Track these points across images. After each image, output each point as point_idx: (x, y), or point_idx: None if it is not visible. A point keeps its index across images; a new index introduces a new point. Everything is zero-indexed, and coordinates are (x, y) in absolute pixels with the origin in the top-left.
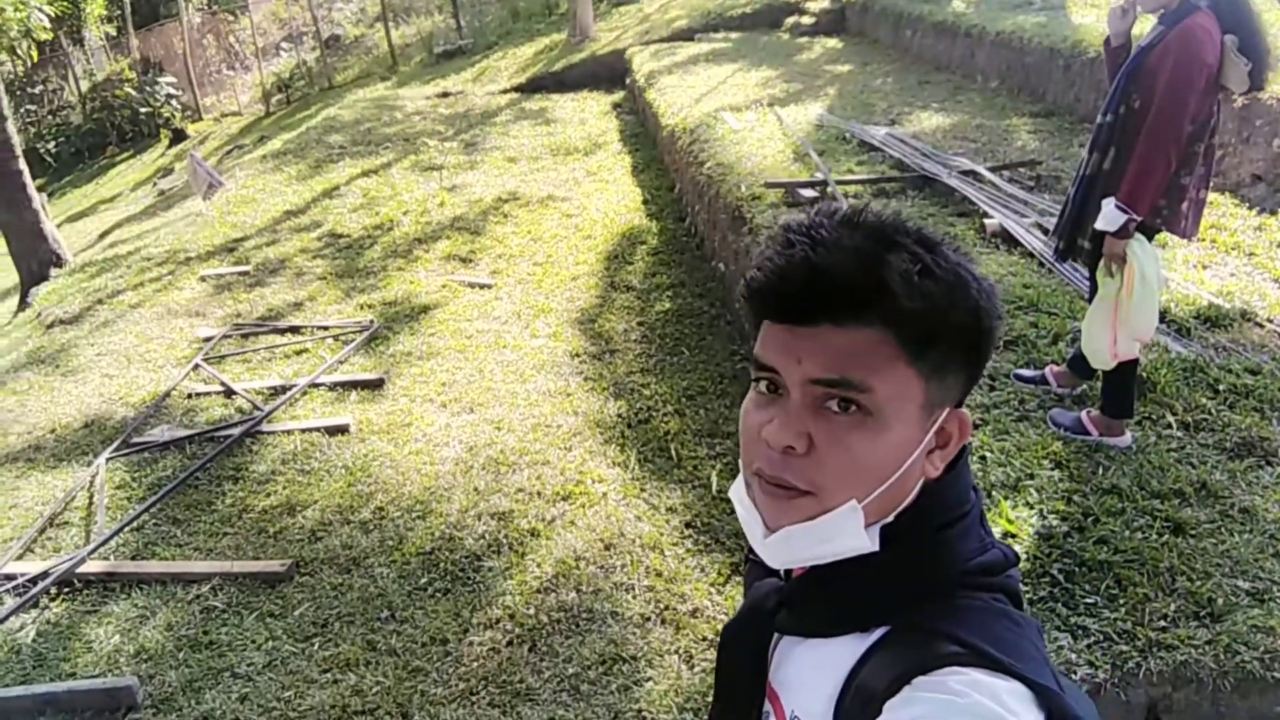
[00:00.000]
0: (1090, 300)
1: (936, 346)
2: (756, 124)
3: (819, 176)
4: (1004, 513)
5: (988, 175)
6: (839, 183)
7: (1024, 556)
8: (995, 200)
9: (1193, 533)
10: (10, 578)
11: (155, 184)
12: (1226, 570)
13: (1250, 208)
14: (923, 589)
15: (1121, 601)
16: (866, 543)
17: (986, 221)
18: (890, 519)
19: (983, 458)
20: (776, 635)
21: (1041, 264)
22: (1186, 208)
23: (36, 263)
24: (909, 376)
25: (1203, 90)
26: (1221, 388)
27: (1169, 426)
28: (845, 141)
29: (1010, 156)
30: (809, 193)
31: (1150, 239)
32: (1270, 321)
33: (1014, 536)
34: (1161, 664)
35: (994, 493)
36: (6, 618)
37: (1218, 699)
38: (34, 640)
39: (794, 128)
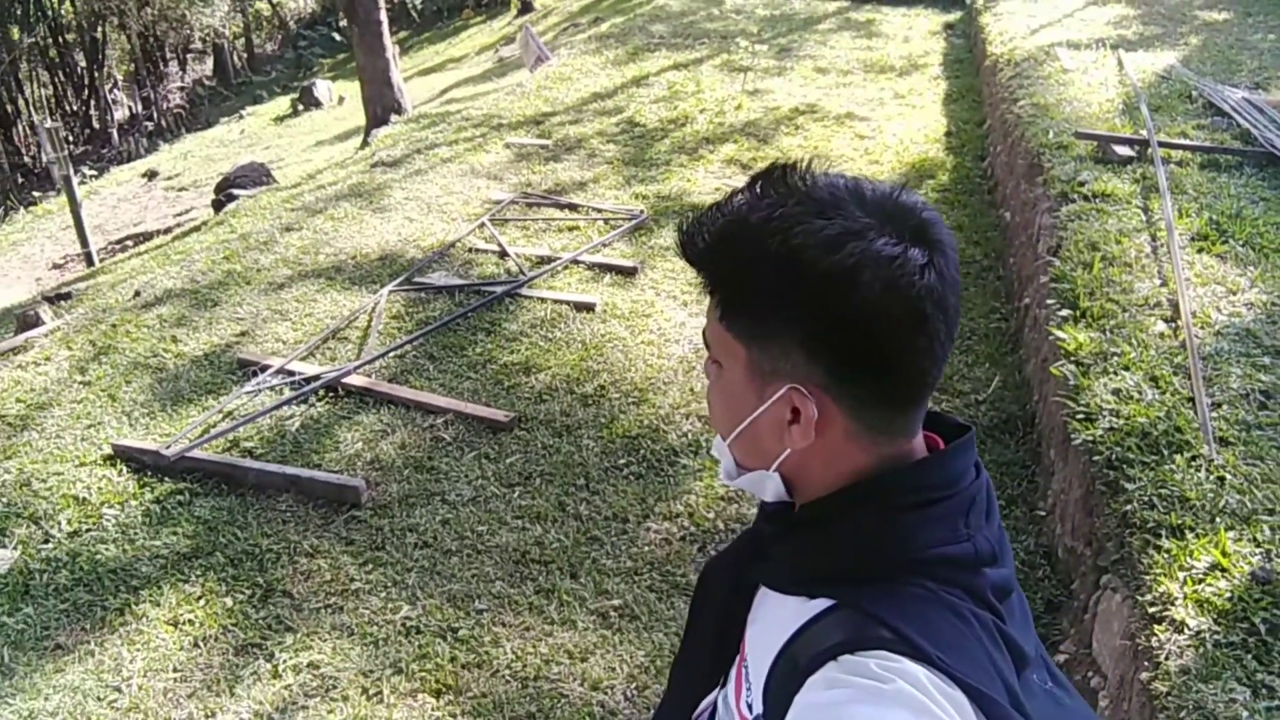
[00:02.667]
0: None
1: (745, 310)
2: (1092, 65)
3: (1142, 134)
4: (1221, 543)
5: None
6: (1162, 145)
7: (1230, 598)
8: None
9: None
10: (291, 374)
11: (497, 50)
12: None
13: None
14: (869, 568)
15: None
16: (735, 472)
17: None
18: (841, 487)
19: (1221, 479)
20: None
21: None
22: None
23: (381, 108)
24: (728, 339)
25: None
26: None
27: None
28: (1190, 100)
29: None
30: (1124, 150)
31: None
32: None
33: (1224, 571)
34: None
35: (1218, 519)
36: (280, 405)
37: None
38: (297, 430)
39: (1134, 76)
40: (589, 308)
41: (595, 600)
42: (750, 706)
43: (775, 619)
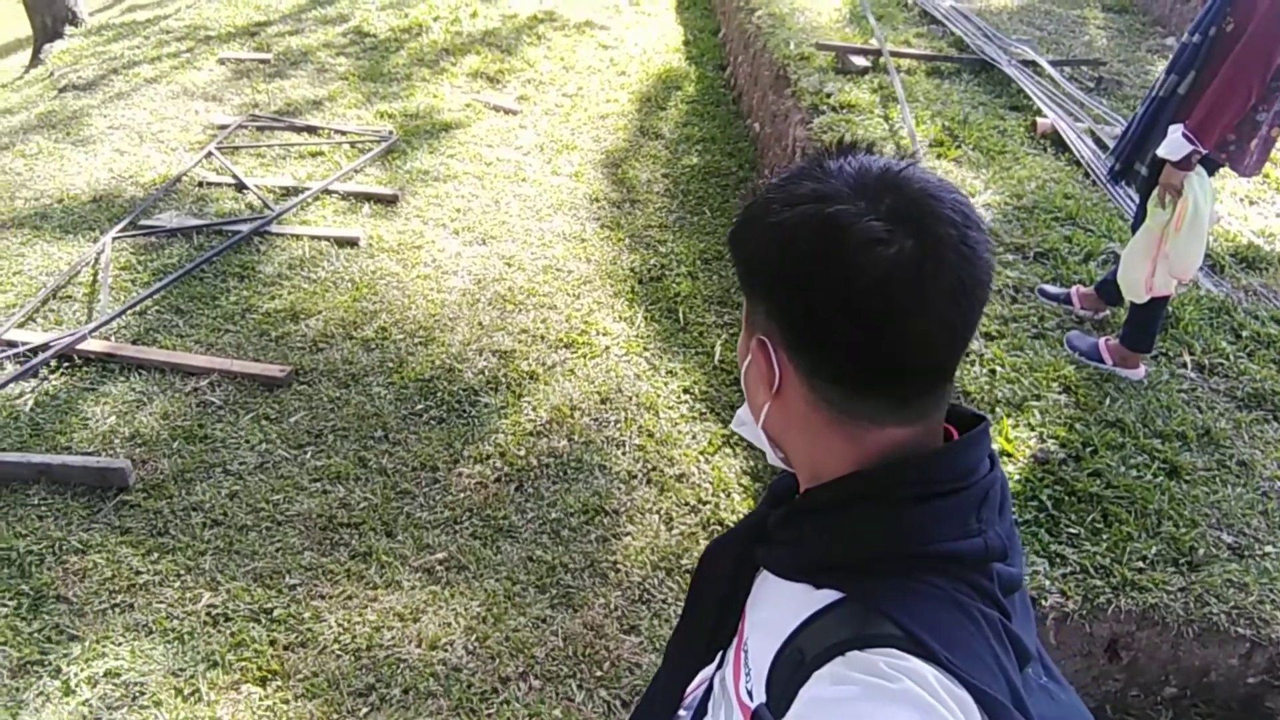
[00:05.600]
0: (1135, 228)
1: (736, 261)
2: None
3: (874, 44)
4: (1004, 431)
5: (1048, 68)
6: (893, 54)
7: (1016, 478)
8: (1051, 97)
9: (1187, 478)
10: (11, 344)
11: None
12: (1213, 521)
13: None
14: (876, 560)
15: (1104, 537)
16: (744, 415)
17: (1039, 120)
18: (841, 475)
19: (993, 372)
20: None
21: (1087, 174)
22: (1255, 145)
23: (51, 17)
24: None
25: None
26: (1244, 334)
27: (1184, 366)
28: (907, 8)
29: (1075, 51)
30: (861, 60)
31: (1211, 173)
32: None
33: (1010, 456)
34: (1132, 604)
35: (998, 409)
36: (5, 384)
37: (1179, 644)
38: (31, 410)
39: None
40: (352, 242)
41: (417, 556)
42: (750, 693)
43: (778, 605)
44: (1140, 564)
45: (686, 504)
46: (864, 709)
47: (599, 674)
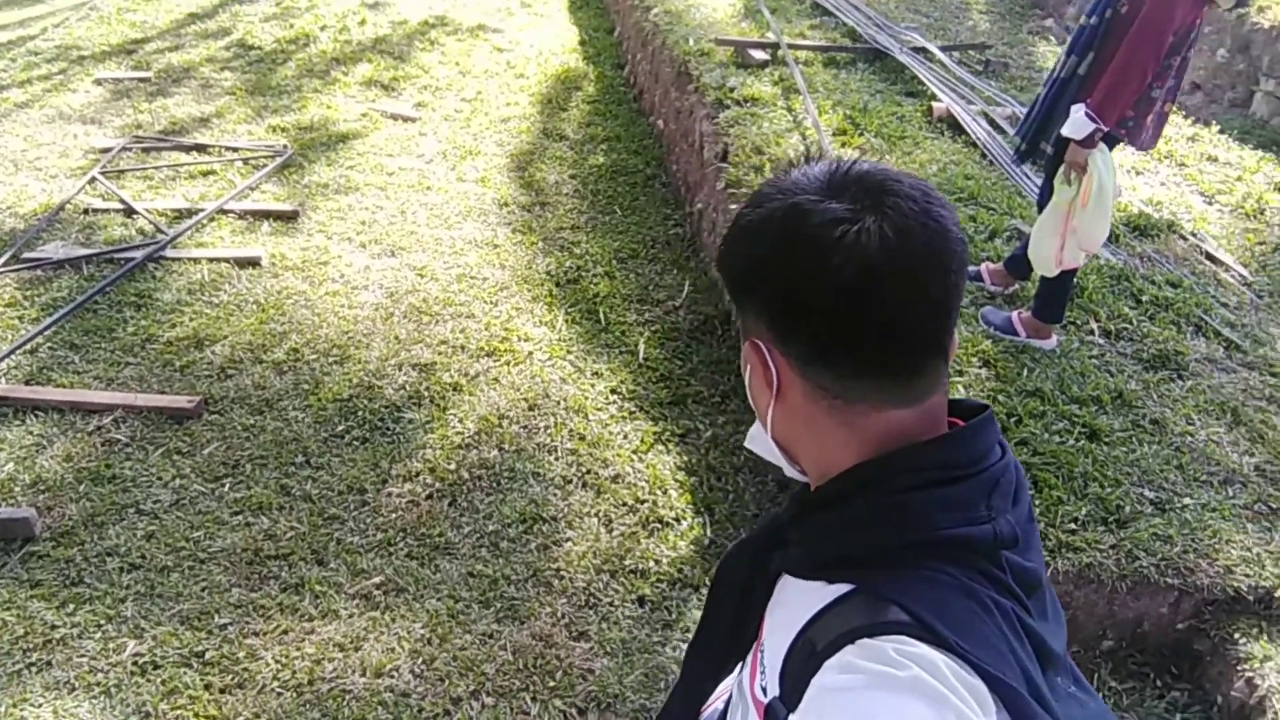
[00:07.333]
0: (1041, 205)
1: (724, 270)
2: None
3: (770, 38)
4: None
5: (938, 54)
6: (791, 46)
7: None
8: (944, 82)
9: (1107, 440)
10: None
11: None
12: (1135, 479)
13: (1186, 116)
14: (883, 550)
15: (1037, 503)
16: (757, 431)
17: (934, 104)
18: (847, 468)
19: None
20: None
21: (984, 155)
22: (1150, 120)
23: None
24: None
25: (1192, 1)
26: (1144, 299)
27: (1092, 333)
28: (799, 1)
29: (961, 36)
30: (760, 54)
31: (1111, 149)
32: (1194, 235)
33: None
34: (1069, 564)
35: None
36: None
37: (1113, 599)
38: None
39: None
40: (254, 262)
41: (352, 583)
42: (764, 690)
43: (796, 604)
44: (1073, 525)
45: (624, 504)
46: (873, 697)
47: (552, 684)
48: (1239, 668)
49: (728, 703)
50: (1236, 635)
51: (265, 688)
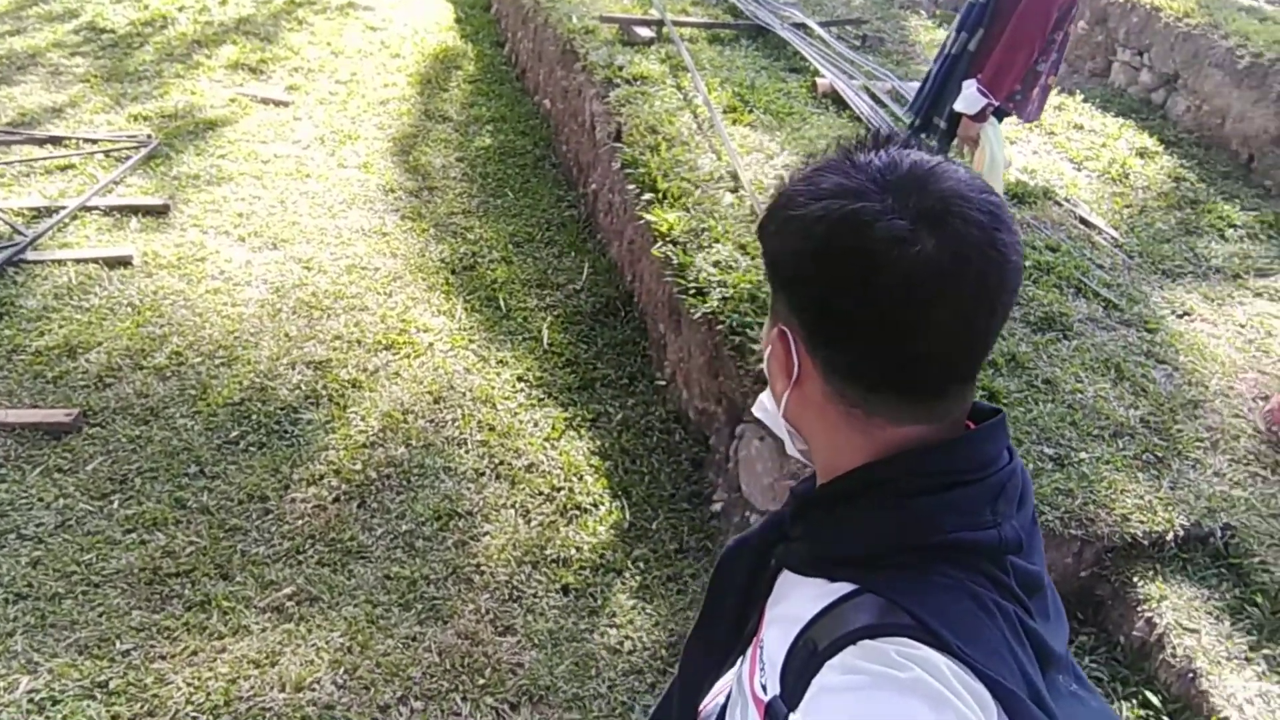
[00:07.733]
0: None
1: (764, 255)
2: None
3: (654, 15)
4: None
5: (818, 30)
6: (675, 23)
7: None
8: (825, 58)
9: (1005, 401)
10: None
11: None
12: (1034, 437)
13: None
14: (886, 551)
15: None
16: (768, 402)
17: (818, 80)
18: (854, 468)
19: None
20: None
21: (868, 129)
22: (1036, 93)
23: None
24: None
25: None
26: (1028, 263)
27: None
28: None
29: (838, 12)
30: (646, 31)
31: (1000, 121)
32: (1068, 201)
33: None
34: None
35: None
36: None
37: None
38: None
39: None
40: (125, 261)
41: (262, 595)
42: (765, 688)
43: (795, 600)
44: None
45: (540, 493)
46: (874, 698)
47: (481, 682)
48: (1138, 609)
49: (728, 699)
50: (1135, 579)
51: (178, 713)
